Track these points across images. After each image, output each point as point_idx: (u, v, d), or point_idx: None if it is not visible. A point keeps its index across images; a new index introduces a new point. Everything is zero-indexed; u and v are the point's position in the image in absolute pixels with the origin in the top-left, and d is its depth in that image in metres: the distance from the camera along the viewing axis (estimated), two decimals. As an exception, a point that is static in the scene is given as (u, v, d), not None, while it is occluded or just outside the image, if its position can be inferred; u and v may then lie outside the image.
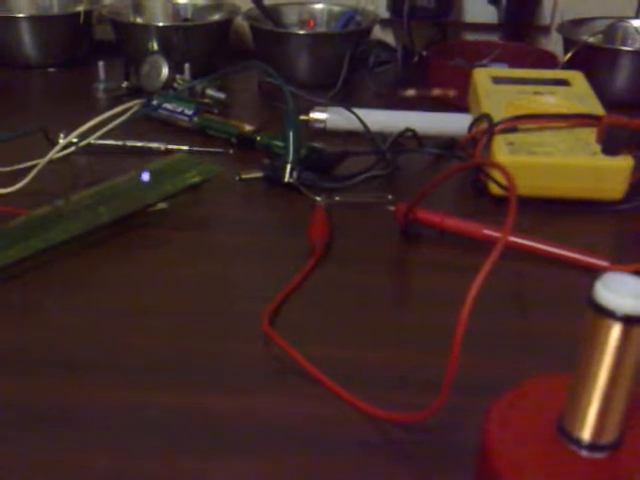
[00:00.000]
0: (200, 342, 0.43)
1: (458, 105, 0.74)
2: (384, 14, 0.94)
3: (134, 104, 0.65)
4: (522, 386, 0.34)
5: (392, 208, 0.55)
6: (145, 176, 0.54)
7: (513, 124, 0.61)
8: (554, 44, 0.94)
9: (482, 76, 0.71)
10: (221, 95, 0.79)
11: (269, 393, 0.39)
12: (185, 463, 0.34)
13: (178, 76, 0.82)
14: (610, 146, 0.58)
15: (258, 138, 0.68)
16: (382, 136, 0.68)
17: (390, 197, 0.59)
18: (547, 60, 0.87)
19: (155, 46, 0.85)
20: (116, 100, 0.80)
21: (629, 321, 0.28)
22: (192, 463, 0.34)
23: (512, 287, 0.49)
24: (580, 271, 0.50)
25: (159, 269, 0.50)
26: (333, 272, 0.50)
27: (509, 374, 0.37)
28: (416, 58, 0.89)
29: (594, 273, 0.50)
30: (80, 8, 0.91)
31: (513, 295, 0.48)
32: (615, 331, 0.28)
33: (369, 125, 0.70)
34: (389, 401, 0.38)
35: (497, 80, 0.70)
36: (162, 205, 0.56)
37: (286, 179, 0.60)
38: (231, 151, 0.68)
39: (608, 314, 0.28)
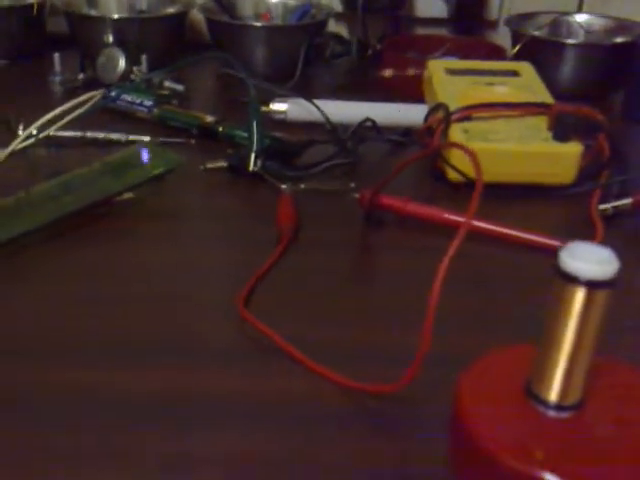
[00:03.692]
0: (176, 326, 0.44)
1: (414, 96, 0.76)
2: (338, 7, 0.95)
3: (96, 94, 0.65)
4: (489, 355, 0.36)
5: (356, 195, 0.56)
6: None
7: (468, 113, 0.63)
8: (502, 38, 0.98)
9: (437, 67, 0.73)
10: (179, 87, 0.79)
11: (248, 372, 0.40)
12: (165, 439, 0.35)
13: (135, 68, 0.82)
14: (560, 133, 0.60)
15: (220, 129, 0.69)
16: (342, 126, 0.69)
17: (353, 185, 0.60)
18: (496, 53, 0.90)
19: (110, 38, 0.85)
20: (73, 92, 0.79)
21: (592, 285, 0.30)
22: (170, 439, 0.35)
23: (470, 268, 0.51)
24: (534, 252, 0.53)
25: (127, 258, 0.51)
26: (301, 256, 0.51)
27: (472, 348, 0.39)
28: (370, 51, 0.91)
29: (548, 253, 0.53)
30: (32, 0, 0.90)
31: (471, 275, 0.50)
32: (579, 296, 0.30)
33: (329, 116, 0.71)
34: (361, 375, 0.39)
35: (451, 71, 0.72)
36: (128, 195, 0.57)
37: (251, 168, 0.61)
38: (193, 142, 0.69)
39: (573, 280, 0.30)
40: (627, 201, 0.57)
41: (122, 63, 0.81)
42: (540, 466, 0.31)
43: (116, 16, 0.87)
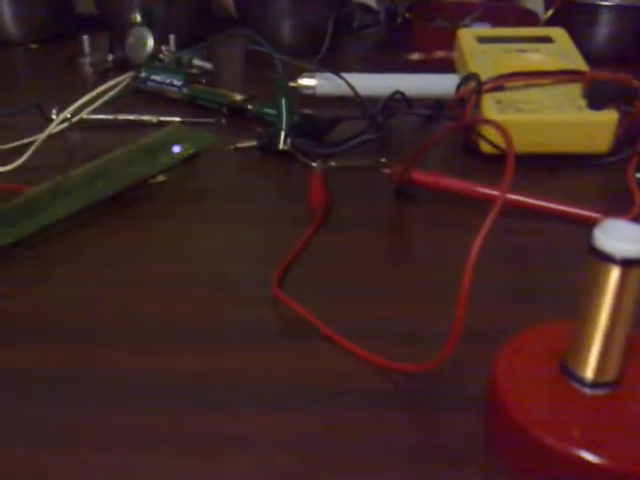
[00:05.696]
0: (210, 307, 0.44)
1: (442, 67, 0.75)
2: (365, -23, 0.94)
3: (125, 77, 0.65)
4: (525, 333, 0.36)
5: (387, 171, 0.56)
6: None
7: (500, 82, 0.62)
8: (534, 2, 0.95)
9: (467, 36, 0.72)
10: (208, 65, 0.79)
11: (284, 352, 0.41)
12: (206, 419, 0.36)
13: (163, 47, 0.82)
14: (595, 101, 0.59)
15: (249, 107, 0.69)
16: (371, 100, 0.69)
17: (383, 160, 0.60)
18: (528, 18, 0.88)
19: (138, 18, 0.85)
20: (103, 73, 0.80)
21: (627, 264, 0.30)
22: (212, 418, 0.36)
23: (508, 242, 0.51)
24: (572, 224, 0.52)
25: (162, 241, 0.51)
26: (333, 235, 0.52)
27: (510, 324, 0.39)
28: (399, 20, 0.90)
29: (586, 225, 0.52)
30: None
31: (509, 249, 0.50)
32: (614, 274, 0.30)
33: (358, 90, 0.70)
34: (395, 353, 0.39)
35: (482, 40, 0.71)
36: (161, 178, 0.57)
37: (281, 146, 0.61)
38: (223, 121, 0.69)
39: (607, 258, 0.30)
40: (665, 169, 0.56)
41: (151, 42, 0.81)
42: (577, 444, 0.31)
43: (143, -5, 0.87)
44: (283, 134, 0.61)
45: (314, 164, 0.58)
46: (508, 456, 0.33)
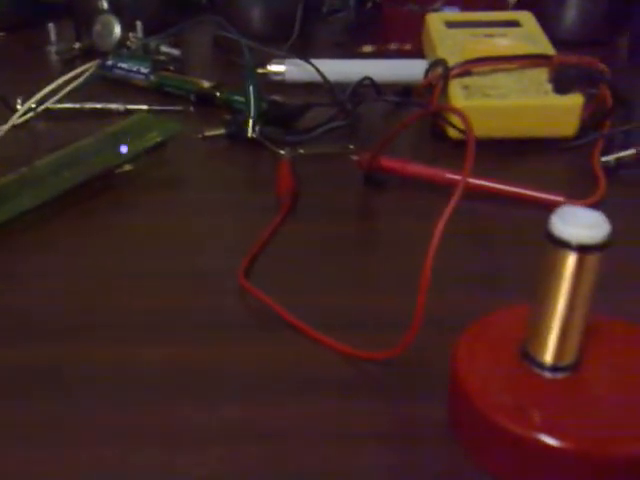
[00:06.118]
0: (179, 298, 0.44)
1: (415, 52, 0.75)
2: (335, -39, 0.93)
3: (90, 65, 0.64)
4: (486, 318, 0.37)
5: (356, 158, 0.56)
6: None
7: (467, 68, 0.62)
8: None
9: (435, 21, 0.72)
10: (176, 52, 0.78)
11: (250, 342, 0.41)
12: (172, 410, 0.36)
13: (131, 34, 0.81)
14: (561, 85, 0.59)
15: (218, 94, 0.68)
16: (341, 86, 0.68)
17: (352, 147, 0.60)
18: (497, 1, 0.88)
19: (105, 4, 0.84)
20: (70, 62, 0.79)
21: (583, 250, 0.30)
22: (178, 410, 0.36)
23: (472, 227, 0.51)
24: (537, 208, 0.53)
25: (128, 231, 0.51)
26: (301, 223, 0.52)
27: (474, 309, 0.39)
28: (370, 5, 0.90)
29: (551, 209, 0.52)
30: (23, -32, 0.89)
31: (473, 234, 0.50)
32: (571, 260, 0.30)
33: (327, 75, 0.70)
34: (363, 342, 0.40)
35: (450, 24, 0.71)
36: (127, 167, 0.57)
37: (249, 134, 0.60)
38: (191, 108, 0.69)
39: (564, 245, 0.30)
40: (631, 152, 0.57)
41: (118, 30, 0.80)
42: (538, 428, 0.31)
43: (109, -19, 0.86)
44: (251, 122, 0.61)
45: (282, 152, 0.58)
46: (471, 441, 0.34)
